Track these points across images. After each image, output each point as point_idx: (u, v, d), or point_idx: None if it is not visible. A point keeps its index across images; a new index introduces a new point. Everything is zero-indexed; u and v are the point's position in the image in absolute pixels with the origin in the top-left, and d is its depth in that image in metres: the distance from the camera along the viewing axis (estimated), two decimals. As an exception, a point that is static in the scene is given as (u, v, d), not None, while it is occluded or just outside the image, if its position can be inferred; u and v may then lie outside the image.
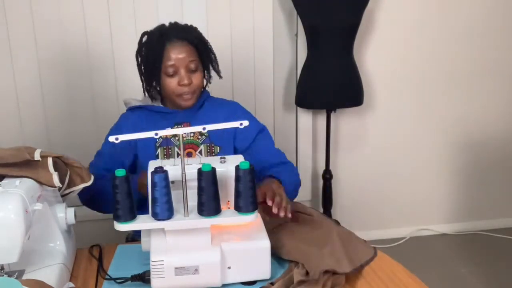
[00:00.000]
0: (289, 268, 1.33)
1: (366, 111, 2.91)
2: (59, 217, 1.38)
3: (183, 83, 1.64)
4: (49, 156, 1.34)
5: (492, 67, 2.98)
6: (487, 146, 3.10)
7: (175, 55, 1.63)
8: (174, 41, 1.64)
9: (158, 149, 1.69)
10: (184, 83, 1.64)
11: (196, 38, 1.68)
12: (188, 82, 1.64)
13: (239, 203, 1.22)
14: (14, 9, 2.41)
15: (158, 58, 1.63)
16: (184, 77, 1.64)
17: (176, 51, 1.63)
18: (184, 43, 1.64)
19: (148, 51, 1.67)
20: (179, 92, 1.67)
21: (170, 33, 1.65)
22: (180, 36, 1.65)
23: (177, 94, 1.67)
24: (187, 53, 1.64)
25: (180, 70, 1.65)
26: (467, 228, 3.18)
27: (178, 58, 1.63)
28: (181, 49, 1.64)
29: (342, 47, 2.57)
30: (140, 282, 1.27)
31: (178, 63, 1.64)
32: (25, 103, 2.52)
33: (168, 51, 1.63)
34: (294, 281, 1.23)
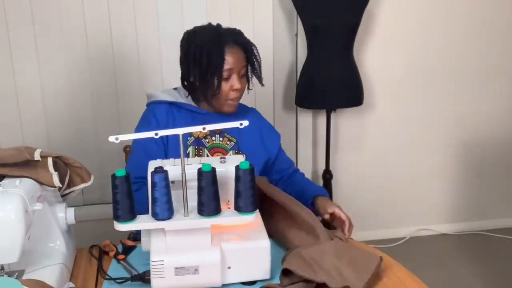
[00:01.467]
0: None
1: (366, 111, 2.91)
2: (59, 217, 1.38)
3: (236, 87, 1.65)
4: (49, 156, 1.34)
5: (493, 67, 2.98)
6: (487, 146, 3.10)
7: (233, 59, 1.63)
8: (231, 44, 1.64)
9: (189, 147, 1.69)
10: (237, 88, 1.66)
11: (248, 43, 1.68)
12: (241, 87, 1.66)
13: (239, 203, 1.22)
14: (14, 9, 2.41)
15: (219, 60, 1.62)
16: (237, 82, 1.65)
17: (233, 56, 1.63)
18: (239, 47, 1.66)
19: (205, 52, 1.63)
20: (230, 97, 1.67)
21: (227, 35, 1.65)
22: (236, 40, 1.65)
23: (227, 98, 1.68)
24: (241, 58, 1.66)
25: (233, 74, 1.65)
26: (467, 228, 3.18)
27: (234, 63, 1.64)
28: (237, 54, 1.65)
29: (342, 47, 2.57)
30: (140, 282, 1.27)
31: (233, 68, 1.64)
32: (25, 103, 2.52)
33: (226, 54, 1.63)
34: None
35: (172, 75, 2.26)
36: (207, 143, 1.71)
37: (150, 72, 2.58)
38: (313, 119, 2.88)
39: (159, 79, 2.60)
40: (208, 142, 1.71)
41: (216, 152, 1.71)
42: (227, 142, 1.73)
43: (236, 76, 1.65)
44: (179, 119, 1.70)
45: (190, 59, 1.66)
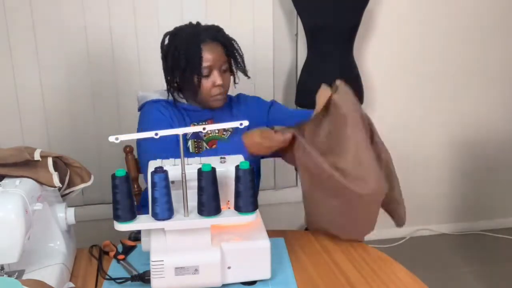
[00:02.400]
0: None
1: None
2: (59, 217, 1.38)
3: (218, 83, 1.67)
4: (49, 156, 1.34)
5: (493, 67, 2.98)
6: (487, 146, 3.10)
7: (211, 56, 1.65)
8: (208, 42, 1.65)
9: (189, 141, 1.72)
10: (219, 84, 1.67)
11: (226, 38, 1.70)
12: (221, 82, 1.67)
13: (239, 203, 1.22)
14: (14, 9, 2.41)
15: (196, 59, 1.64)
16: (218, 78, 1.66)
17: (210, 52, 1.65)
18: (217, 43, 1.67)
19: (183, 53, 1.66)
20: (213, 93, 1.69)
21: (203, 33, 1.66)
22: (212, 37, 1.66)
23: (211, 95, 1.69)
24: (220, 53, 1.67)
25: (214, 71, 1.67)
26: (467, 228, 3.18)
27: (213, 59, 1.65)
28: (215, 50, 1.66)
29: (342, 47, 2.57)
30: (140, 282, 1.28)
31: (212, 64, 1.66)
32: (25, 103, 2.52)
33: (203, 52, 1.64)
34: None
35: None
36: (204, 136, 1.75)
37: (150, 72, 2.58)
38: (313, 119, 2.88)
39: (159, 79, 2.59)
40: (204, 135, 1.75)
41: (213, 145, 1.73)
42: (223, 133, 1.76)
43: (217, 72, 1.67)
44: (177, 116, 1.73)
45: (169, 60, 1.70)
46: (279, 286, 1.28)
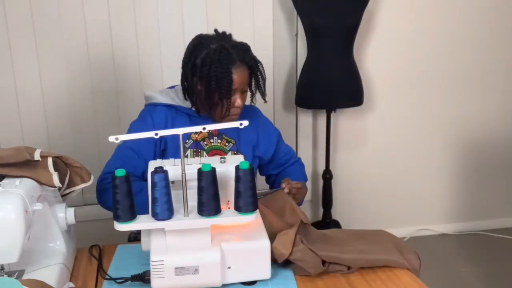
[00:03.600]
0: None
1: (366, 111, 2.91)
2: (59, 217, 1.38)
3: (237, 105, 1.65)
4: (49, 156, 1.34)
5: (493, 67, 2.98)
6: (487, 146, 3.10)
7: (238, 79, 1.62)
8: (238, 65, 1.62)
9: (187, 150, 1.69)
10: (239, 105, 1.65)
11: (253, 60, 1.66)
12: (242, 103, 1.66)
13: (239, 203, 1.22)
14: (14, 9, 2.41)
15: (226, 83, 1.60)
16: (239, 100, 1.65)
17: (239, 75, 1.62)
18: (245, 67, 1.64)
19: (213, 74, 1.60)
20: (231, 113, 1.66)
21: (233, 55, 1.62)
22: (242, 59, 1.63)
23: (228, 114, 1.66)
24: (246, 76, 1.65)
25: (236, 92, 1.65)
26: (467, 228, 3.18)
27: (240, 82, 1.63)
28: (243, 73, 1.64)
29: (342, 47, 2.57)
30: (140, 282, 1.27)
31: (238, 87, 1.64)
32: (25, 103, 2.52)
33: (233, 75, 1.61)
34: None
35: (172, 76, 2.26)
36: (205, 146, 1.71)
37: (150, 72, 2.58)
38: (313, 119, 2.88)
39: (159, 79, 2.60)
40: (206, 144, 1.71)
41: (215, 154, 1.71)
42: (225, 144, 1.73)
43: (239, 94, 1.65)
44: (178, 123, 1.69)
45: (196, 71, 1.64)
46: (279, 286, 1.28)
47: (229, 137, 1.75)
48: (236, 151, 1.74)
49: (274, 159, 1.87)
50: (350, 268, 1.34)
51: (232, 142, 1.74)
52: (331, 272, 1.34)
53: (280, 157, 1.88)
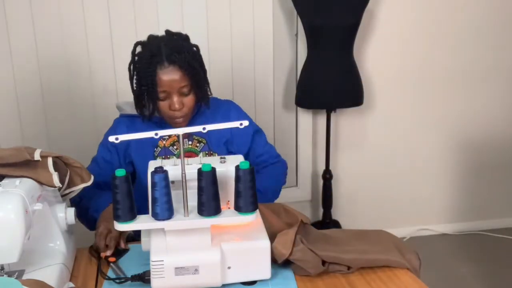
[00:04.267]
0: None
1: (366, 111, 2.91)
2: (59, 217, 1.38)
3: (174, 108, 1.58)
4: (49, 156, 1.34)
5: (493, 67, 2.98)
6: (487, 146, 3.10)
7: (166, 81, 1.55)
8: (165, 65, 1.54)
9: (156, 158, 1.66)
10: (175, 109, 1.58)
11: (186, 61, 1.56)
12: (179, 107, 1.58)
13: (239, 203, 1.22)
14: (14, 9, 2.41)
15: (150, 83, 1.56)
16: (175, 102, 1.58)
17: (167, 77, 1.55)
18: (175, 67, 1.55)
19: (140, 74, 1.58)
20: (171, 116, 1.61)
21: (161, 55, 1.55)
22: (171, 60, 1.54)
23: (169, 117, 1.62)
24: (179, 78, 1.55)
25: (172, 95, 1.57)
26: (467, 228, 3.18)
27: (169, 84, 1.55)
28: (172, 75, 1.55)
29: (342, 47, 2.57)
30: (140, 282, 1.27)
31: (169, 89, 1.57)
32: (25, 103, 2.52)
33: (159, 76, 1.54)
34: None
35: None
36: (175, 150, 1.68)
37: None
38: (313, 119, 2.88)
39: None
40: (176, 148, 1.68)
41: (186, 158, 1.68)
42: (196, 145, 1.69)
43: (176, 96, 1.57)
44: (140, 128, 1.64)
45: (130, 73, 1.62)
46: (279, 286, 1.28)
47: (199, 137, 1.70)
48: (208, 151, 1.69)
49: (250, 158, 1.77)
50: (350, 268, 1.34)
51: (203, 142, 1.69)
52: (331, 272, 1.34)
53: (256, 156, 1.79)
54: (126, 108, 1.76)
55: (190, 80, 1.58)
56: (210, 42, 2.59)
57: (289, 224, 1.41)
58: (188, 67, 1.56)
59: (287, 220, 1.45)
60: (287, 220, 1.45)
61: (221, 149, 1.72)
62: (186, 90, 1.59)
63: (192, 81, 1.58)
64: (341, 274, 1.33)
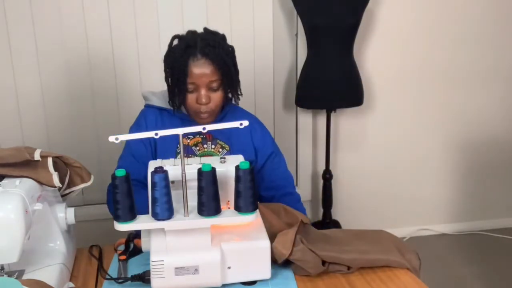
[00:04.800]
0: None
1: (366, 111, 2.91)
2: (59, 217, 1.38)
3: (201, 101, 1.59)
4: (49, 156, 1.34)
5: (492, 67, 2.98)
6: (487, 146, 3.10)
7: (197, 73, 1.56)
8: (198, 57, 1.56)
9: (177, 156, 1.65)
10: (201, 102, 1.59)
11: (220, 56, 1.57)
12: (206, 101, 1.59)
13: (239, 203, 1.22)
14: (14, 9, 2.41)
15: (181, 73, 1.57)
16: (203, 96, 1.58)
17: (198, 69, 1.56)
18: (207, 61, 1.56)
19: (172, 64, 1.60)
20: (196, 110, 1.62)
21: (195, 47, 1.56)
22: (204, 52, 1.56)
23: (194, 110, 1.63)
24: (210, 72, 1.57)
25: (200, 88, 1.59)
26: (467, 228, 3.18)
27: (199, 77, 1.56)
28: (203, 68, 1.56)
29: (342, 47, 2.57)
30: (140, 282, 1.27)
31: (198, 82, 1.57)
32: (25, 103, 2.52)
33: (190, 67, 1.56)
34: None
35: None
36: (197, 151, 1.68)
37: (150, 72, 2.58)
38: (313, 119, 2.88)
39: (158, 79, 2.59)
40: (199, 149, 1.68)
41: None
42: (219, 150, 1.69)
43: (204, 90, 1.58)
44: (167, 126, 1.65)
45: (164, 66, 1.64)
46: (279, 286, 1.28)
47: (223, 143, 1.70)
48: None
49: (266, 177, 1.75)
50: (350, 268, 1.34)
51: (226, 148, 1.69)
52: (331, 272, 1.34)
53: (274, 178, 1.76)
54: (153, 99, 1.75)
55: (221, 75, 1.59)
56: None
57: (289, 224, 1.41)
58: (220, 62, 1.57)
59: (287, 220, 1.45)
60: (287, 220, 1.45)
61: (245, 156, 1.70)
62: (216, 85, 1.59)
63: (222, 77, 1.59)
64: (341, 274, 1.34)
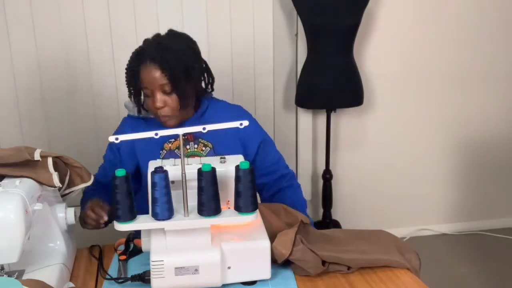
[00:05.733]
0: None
1: (366, 111, 2.91)
2: (59, 217, 1.38)
3: (155, 105, 1.59)
4: (49, 156, 1.34)
5: (492, 67, 2.98)
6: (487, 146, 3.10)
7: (146, 78, 1.58)
8: (147, 63, 1.57)
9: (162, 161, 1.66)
10: (156, 106, 1.59)
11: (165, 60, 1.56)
12: (160, 105, 1.59)
13: (239, 203, 1.22)
14: (14, 9, 2.41)
15: (133, 81, 1.61)
16: (156, 100, 1.59)
17: (147, 74, 1.57)
18: (155, 65, 1.57)
19: (127, 70, 1.63)
20: (156, 114, 1.62)
21: (146, 53, 1.59)
22: (151, 57, 1.57)
23: (155, 115, 1.63)
24: (158, 76, 1.56)
25: (154, 92, 1.59)
26: (467, 228, 3.18)
27: (148, 81, 1.57)
28: (152, 72, 1.57)
29: (342, 47, 2.57)
30: (140, 282, 1.27)
31: (150, 86, 1.58)
32: (25, 103, 2.52)
33: (141, 73, 1.58)
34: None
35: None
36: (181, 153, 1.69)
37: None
38: (313, 119, 2.88)
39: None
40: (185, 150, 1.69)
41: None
42: (202, 148, 1.68)
43: (158, 94, 1.58)
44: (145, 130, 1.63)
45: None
46: (279, 286, 1.28)
47: (205, 141, 1.69)
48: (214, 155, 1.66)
49: (258, 165, 1.74)
50: (350, 268, 1.34)
51: (209, 146, 1.68)
52: (331, 272, 1.34)
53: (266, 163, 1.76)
54: (129, 108, 1.76)
55: (169, 79, 1.57)
56: (210, 42, 2.59)
57: (289, 224, 1.41)
58: (166, 65, 1.56)
59: (287, 220, 1.45)
60: (287, 220, 1.45)
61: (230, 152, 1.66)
62: (168, 89, 1.58)
63: (171, 80, 1.57)
64: (341, 274, 1.34)
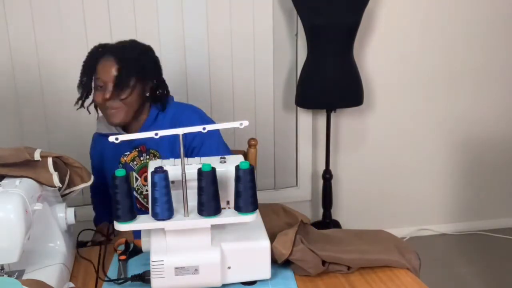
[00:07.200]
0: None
1: (366, 111, 2.91)
2: (59, 217, 1.38)
3: (105, 97, 1.61)
4: (49, 156, 1.34)
5: (492, 67, 2.98)
6: (487, 146, 3.10)
7: (102, 69, 1.62)
8: (106, 57, 1.62)
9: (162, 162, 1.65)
10: (105, 97, 1.61)
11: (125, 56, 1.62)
12: (109, 96, 1.61)
13: (239, 203, 1.22)
14: (14, 8, 2.41)
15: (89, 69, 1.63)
16: (107, 93, 1.61)
17: (103, 66, 1.62)
18: (114, 58, 1.61)
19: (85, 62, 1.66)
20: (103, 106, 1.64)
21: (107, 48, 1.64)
22: (112, 52, 1.62)
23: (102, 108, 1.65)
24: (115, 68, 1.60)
25: (107, 83, 1.61)
26: (467, 228, 3.18)
27: (104, 72, 1.61)
28: (109, 64, 1.61)
29: (342, 47, 2.57)
30: (140, 282, 1.27)
31: (103, 77, 1.61)
32: (25, 103, 2.52)
33: (98, 65, 1.62)
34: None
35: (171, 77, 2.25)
36: (135, 165, 1.71)
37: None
38: (313, 119, 2.88)
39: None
40: (136, 164, 1.72)
41: (145, 173, 1.70)
42: (152, 159, 1.69)
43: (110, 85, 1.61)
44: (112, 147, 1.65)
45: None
46: (279, 286, 1.28)
47: (154, 151, 1.71)
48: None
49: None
50: (350, 268, 1.34)
51: (157, 156, 1.70)
52: (331, 272, 1.34)
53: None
54: (98, 126, 1.80)
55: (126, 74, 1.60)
56: (210, 42, 2.59)
57: (289, 224, 1.41)
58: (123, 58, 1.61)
59: (287, 220, 1.45)
60: (287, 220, 1.45)
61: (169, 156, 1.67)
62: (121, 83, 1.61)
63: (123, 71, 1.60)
64: (341, 274, 1.33)
